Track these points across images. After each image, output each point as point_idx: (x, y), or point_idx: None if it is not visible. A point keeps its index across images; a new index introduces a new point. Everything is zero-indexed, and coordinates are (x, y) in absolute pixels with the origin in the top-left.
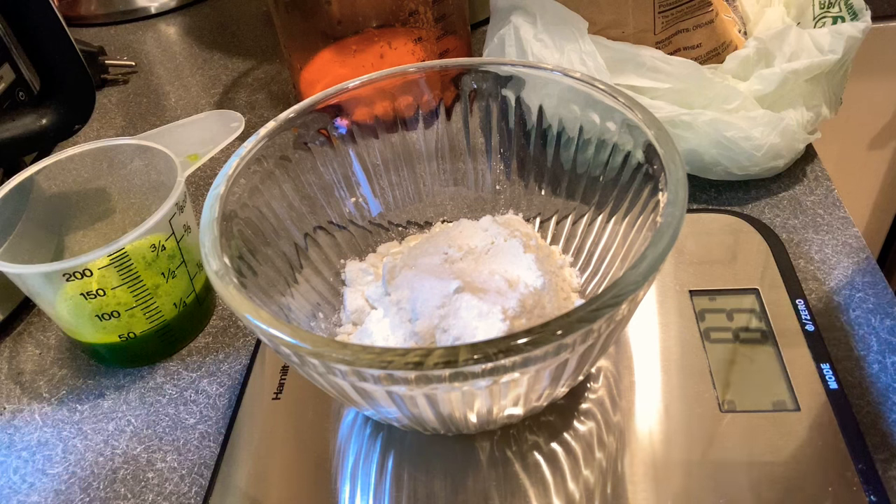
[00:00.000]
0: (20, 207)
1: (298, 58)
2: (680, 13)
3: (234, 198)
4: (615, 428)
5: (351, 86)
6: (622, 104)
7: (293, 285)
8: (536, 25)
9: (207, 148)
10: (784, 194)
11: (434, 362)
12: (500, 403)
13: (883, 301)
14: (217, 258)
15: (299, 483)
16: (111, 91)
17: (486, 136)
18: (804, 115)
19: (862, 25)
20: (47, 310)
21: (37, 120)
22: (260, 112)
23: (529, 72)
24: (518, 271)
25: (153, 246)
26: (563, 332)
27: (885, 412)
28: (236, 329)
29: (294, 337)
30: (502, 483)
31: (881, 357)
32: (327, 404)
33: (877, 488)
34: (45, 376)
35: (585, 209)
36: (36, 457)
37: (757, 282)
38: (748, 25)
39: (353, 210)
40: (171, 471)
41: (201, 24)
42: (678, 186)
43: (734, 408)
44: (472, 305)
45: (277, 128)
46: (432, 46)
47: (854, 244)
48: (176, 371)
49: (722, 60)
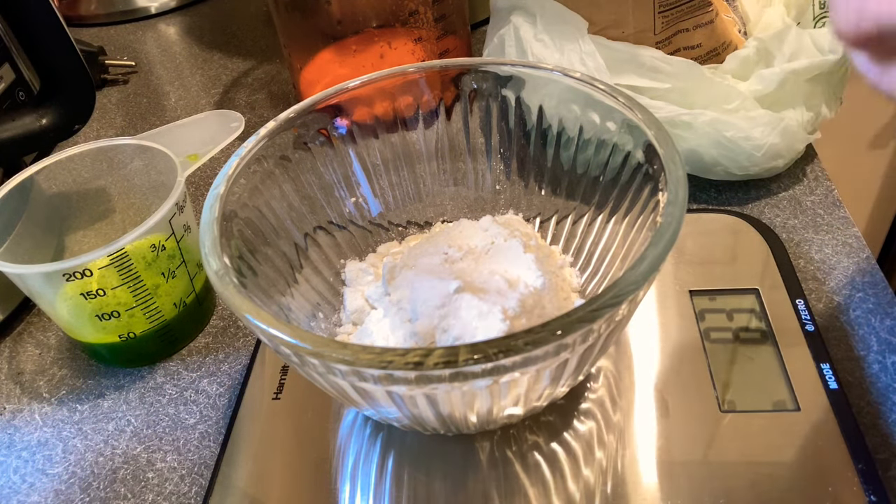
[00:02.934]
0: (20, 207)
1: (298, 58)
2: (680, 13)
3: (234, 198)
4: (615, 428)
5: (351, 86)
6: (622, 104)
7: (293, 285)
8: (536, 25)
9: (207, 148)
10: (784, 194)
11: (434, 362)
12: (500, 403)
13: (883, 301)
14: (217, 258)
15: (299, 483)
16: (111, 91)
17: (486, 136)
18: (804, 115)
19: None
20: (47, 310)
21: (37, 120)
22: (260, 112)
23: (529, 72)
24: (518, 271)
25: (153, 246)
26: (563, 332)
27: (885, 412)
28: (236, 329)
29: (294, 337)
30: (502, 483)
31: (881, 357)
32: (327, 404)
33: (877, 488)
34: (45, 376)
35: (585, 209)
36: (36, 457)
37: (757, 282)
38: (748, 25)
39: (353, 210)
40: (171, 471)
41: (201, 24)
42: (678, 186)
43: (734, 408)
44: (472, 305)
45: (277, 128)
46: (432, 46)
47: (854, 244)
48: (176, 371)
49: (722, 60)
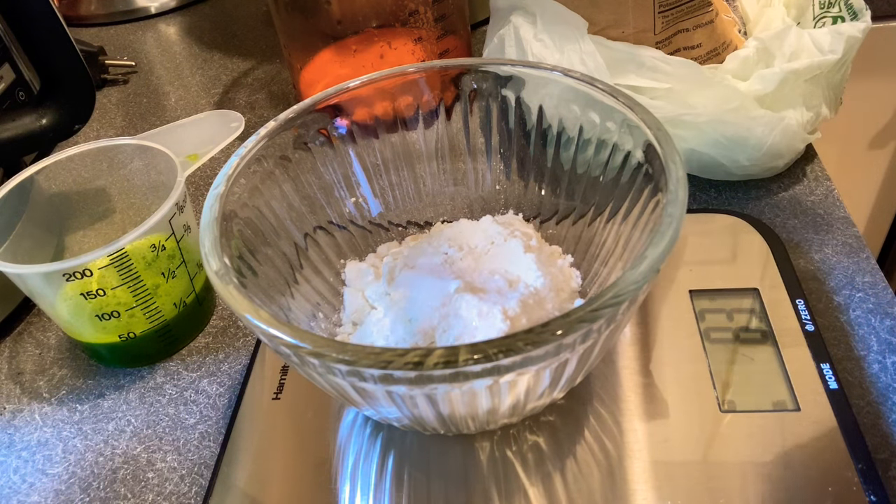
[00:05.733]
0: (20, 207)
1: (298, 58)
2: (680, 13)
3: (234, 198)
4: (615, 428)
5: (351, 86)
6: (622, 104)
7: (293, 285)
8: (536, 25)
9: (207, 148)
10: (784, 194)
11: (434, 362)
12: (501, 403)
13: (883, 301)
14: (217, 258)
15: (299, 483)
16: (111, 91)
17: (486, 136)
18: (804, 115)
19: (862, 25)
20: (47, 310)
21: (37, 120)
22: (260, 112)
23: (529, 72)
24: (518, 271)
25: (153, 246)
26: (563, 332)
27: (885, 412)
28: (236, 329)
29: (294, 337)
30: (502, 483)
31: (881, 357)
32: (327, 404)
33: (877, 488)
34: (45, 376)
35: (585, 209)
36: (36, 457)
37: (757, 282)
38: (748, 25)
39: (353, 210)
40: (171, 471)
41: (201, 24)
42: (678, 186)
43: (734, 408)
44: (472, 305)
45: (277, 128)
46: (432, 46)
47: (854, 244)
48: (176, 371)
49: (722, 60)
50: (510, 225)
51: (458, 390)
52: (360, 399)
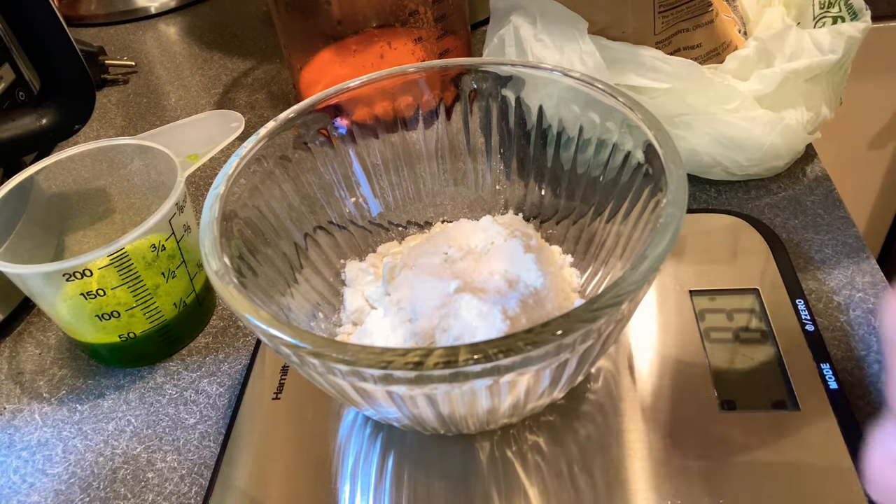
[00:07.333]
0: (20, 207)
1: (298, 58)
2: (680, 13)
3: (234, 198)
4: (615, 428)
5: (351, 86)
6: (622, 104)
7: (293, 285)
8: (536, 25)
9: (207, 148)
10: (784, 194)
11: (434, 362)
12: (500, 403)
13: (883, 301)
14: (217, 258)
15: (299, 483)
16: (111, 91)
17: (486, 136)
18: (804, 115)
19: (862, 25)
20: (47, 310)
21: (37, 120)
22: (260, 112)
23: (529, 72)
24: (518, 271)
25: (153, 246)
26: (563, 332)
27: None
28: (236, 329)
29: (294, 337)
30: (502, 483)
31: (881, 357)
32: (327, 404)
33: None
34: (45, 376)
35: (585, 209)
36: (36, 457)
37: (757, 282)
38: (748, 25)
39: (353, 210)
40: (171, 471)
41: (201, 24)
42: (678, 186)
43: (734, 408)
44: (472, 305)
45: (277, 128)
46: (432, 46)
47: (854, 244)
48: (176, 371)
49: (722, 60)
50: (510, 225)
51: (458, 390)
52: (360, 399)
